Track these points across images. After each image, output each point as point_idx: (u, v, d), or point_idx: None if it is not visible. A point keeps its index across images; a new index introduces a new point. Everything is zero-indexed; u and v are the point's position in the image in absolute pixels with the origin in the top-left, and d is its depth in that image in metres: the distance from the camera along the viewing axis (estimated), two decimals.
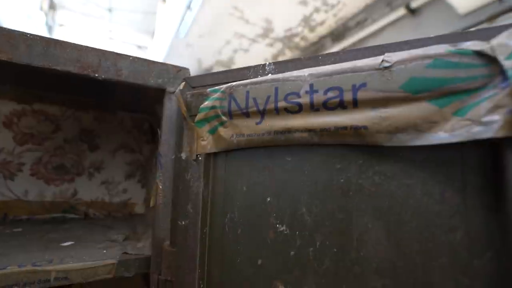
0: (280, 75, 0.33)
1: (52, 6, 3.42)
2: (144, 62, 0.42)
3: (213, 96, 0.36)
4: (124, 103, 0.70)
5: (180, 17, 3.31)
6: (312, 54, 3.39)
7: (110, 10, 3.77)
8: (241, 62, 4.37)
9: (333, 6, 3.09)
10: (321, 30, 3.47)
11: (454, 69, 0.25)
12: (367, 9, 3.10)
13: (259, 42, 3.81)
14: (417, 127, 0.26)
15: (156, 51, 4.30)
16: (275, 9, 3.16)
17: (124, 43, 4.30)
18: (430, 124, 0.26)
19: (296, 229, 0.32)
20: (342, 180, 0.30)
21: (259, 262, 0.33)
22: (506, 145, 0.23)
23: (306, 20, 3.28)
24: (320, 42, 3.68)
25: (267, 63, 0.36)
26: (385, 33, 2.93)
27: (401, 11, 2.74)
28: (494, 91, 0.24)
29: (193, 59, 4.24)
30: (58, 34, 3.74)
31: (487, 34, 0.26)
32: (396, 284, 0.27)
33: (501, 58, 0.23)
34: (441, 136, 0.25)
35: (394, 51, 0.29)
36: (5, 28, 0.33)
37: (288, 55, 4.20)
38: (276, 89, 0.32)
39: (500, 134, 0.23)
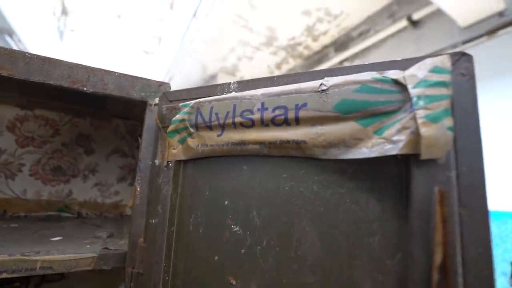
0: (238, 94, 0.38)
1: (64, 12, 3.60)
2: (128, 78, 0.47)
3: (184, 110, 0.41)
4: (118, 111, 0.76)
5: (186, 25, 3.42)
6: (315, 63, 3.43)
7: (119, 16, 3.93)
8: (245, 69, 4.46)
9: (336, 17, 3.15)
10: (324, 40, 3.53)
11: (376, 94, 0.30)
12: (369, 20, 3.15)
13: (263, 50, 3.89)
14: (346, 143, 0.31)
15: (162, 57, 4.43)
16: (278, 18, 3.24)
17: (131, 48, 4.47)
18: (356, 140, 0.30)
19: (247, 230, 0.36)
20: (286, 188, 0.35)
21: (216, 258, 0.37)
22: (412, 161, 0.28)
23: (309, 30, 3.35)
24: (323, 52, 3.74)
25: (232, 81, 0.41)
26: (387, 44, 2.97)
27: (403, 23, 2.78)
28: (404, 114, 0.28)
29: (198, 65, 4.34)
30: (69, 39, 3.93)
31: (406, 64, 0.30)
32: (326, 280, 0.31)
33: (409, 86, 0.28)
34: (363, 151, 0.30)
35: (336, 75, 0.34)
36: (6, 48, 0.39)
37: (291, 63, 4.27)
38: (235, 106, 0.37)
39: (403, 151, 0.27)
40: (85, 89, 0.43)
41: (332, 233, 0.32)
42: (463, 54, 0.29)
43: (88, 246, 0.49)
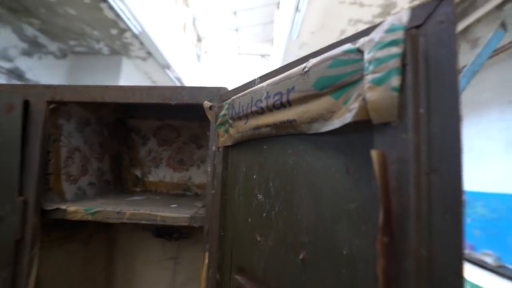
0: (254, 88, 0.47)
1: (198, 39, 4.69)
2: (198, 88, 0.66)
3: (225, 107, 0.55)
4: None
5: (290, 21, 3.58)
6: (457, 18, 2.73)
7: (236, 30, 4.62)
8: None
9: None
10: None
11: (344, 66, 0.32)
12: None
13: None
14: (324, 116, 0.34)
15: (275, 57, 4.81)
16: None
17: (249, 55, 5.17)
18: (331, 113, 0.34)
19: (266, 198, 0.45)
20: (291, 162, 0.41)
21: (249, 220, 0.49)
22: (373, 128, 0.28)
23: None
24: (467, 1, 2.90)
25: (257, 77, 0.51)
26: None
27: None
28: (363, 82, 0.29)
29: None
30: (204, 60, 5.11)
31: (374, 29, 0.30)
32: (316, 240, 0.36)
33: (365, 52, 0.29)
34: (334, 122, 0.33)
35: (320, 55, 0.37)
36: (121, 86, 0.66)
37: None
38: (252, 98, 0.47)
39: (355, 119, 0.29)
40: (171, 102, 0.65)
41: (320, 200, 0.36)
42: None
43: (187, 211, 0.72)
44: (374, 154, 0.26)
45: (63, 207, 0.67)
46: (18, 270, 0.62)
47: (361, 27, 3.63)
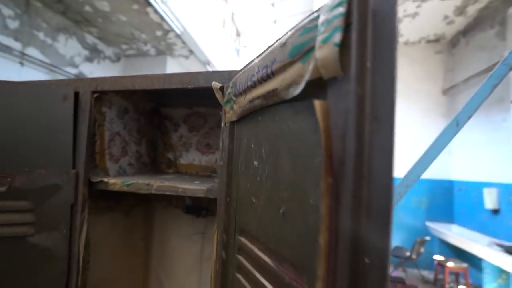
0: (250, 65, 0.52)
1: (237, 34, 4.84)
2: (212, 73, 0.73)
3: (230, 86, 0.61)
4: None
5: None
6: None
7: (275, 22, 4.64)
8: (411, 28, 3.82)
9: None
10: None
11: (310, 32, 0.35)
12: None
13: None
14: (296, 81, 0.38)
15: None
16: None
17: None
18: (300, 77, 0.37)
19: (260, 163, 0.50)
20: (277, 128, 0.46)
21: (248, 185, 0.54)
22: (327, 84, 0.32)
23: None
24: None
25: (256, 56, 0.56)
26: None
27: None
28: None
29: None
30: (243, 54, 5.27)
31: None
32: (292, 194, 0.40)
33: (321, 16, 0.32)
34: (301, 85, 0.36)
35: None
36: (147, 75, 0.76)
37: (482, 1, 3.16)
38: (248, 74, 0.52)
39: (311, 77, 0.32)
40: (189, 86, 0.74)
41: (296, 158, 0.40)
42: None
43: (205, 184, 0.81)
44: (316, 103, 0.30)
45: (105, 179, 0.82)
46: (72, 229, 0.78)
47: (410, 5, 3.36)
